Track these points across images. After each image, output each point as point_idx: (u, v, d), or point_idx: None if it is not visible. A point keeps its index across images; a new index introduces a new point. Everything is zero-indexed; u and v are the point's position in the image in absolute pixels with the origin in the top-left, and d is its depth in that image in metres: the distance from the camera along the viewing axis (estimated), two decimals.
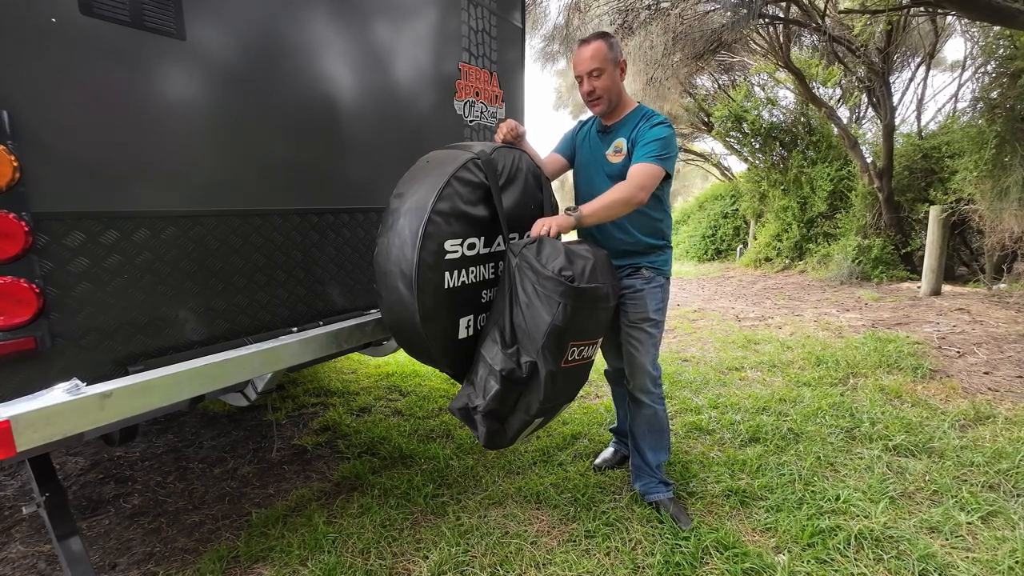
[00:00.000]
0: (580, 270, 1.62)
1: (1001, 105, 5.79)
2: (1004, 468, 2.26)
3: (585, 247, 1.76)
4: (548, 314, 1.58)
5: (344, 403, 3.27)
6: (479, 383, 1.66)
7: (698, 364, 3.95)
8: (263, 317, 1.71)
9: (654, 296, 2.01)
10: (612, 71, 1.90)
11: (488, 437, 1.69)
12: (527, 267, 1.61)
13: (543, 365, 1.62)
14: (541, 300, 1.59)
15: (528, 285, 1.61)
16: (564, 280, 1.56)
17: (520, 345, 1.64)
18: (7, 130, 1.14)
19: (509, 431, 1.73)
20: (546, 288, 1.58)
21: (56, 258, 1.24)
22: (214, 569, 1.79)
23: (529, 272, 1.61)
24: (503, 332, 1.66)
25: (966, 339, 4.27)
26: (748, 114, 10.08)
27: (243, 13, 1.56)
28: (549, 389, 1.66)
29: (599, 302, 1.69)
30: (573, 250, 1.69)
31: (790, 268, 9.48)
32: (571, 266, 1.61)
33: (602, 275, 1.70)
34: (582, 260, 1.66)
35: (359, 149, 1.98)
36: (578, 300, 1.59)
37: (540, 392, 1.65)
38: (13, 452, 1.09)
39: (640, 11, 7.59)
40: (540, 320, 1.59)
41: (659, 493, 2.09)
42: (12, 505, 2.24)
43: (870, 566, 1.72)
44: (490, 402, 1.62)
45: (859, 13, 7.48)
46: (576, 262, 1.64)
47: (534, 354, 1.62)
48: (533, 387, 1.66)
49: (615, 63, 1.91)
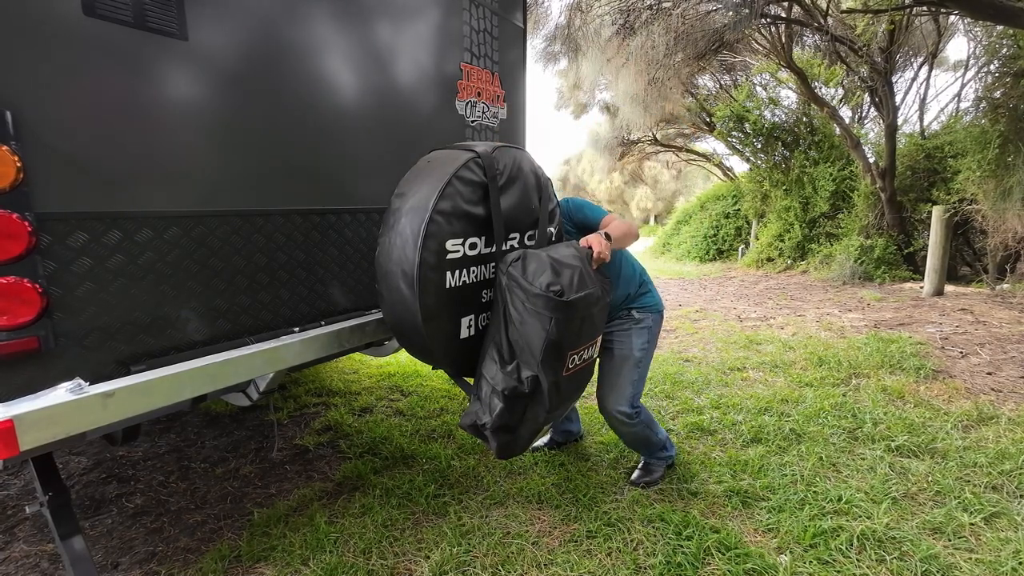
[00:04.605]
0: (568, 281, 1.60)
1: (1004, 105, 5.77)
2: (1007, 469, 2.26)
3: (571, 251, 1.73)
4: (542, 330, 1.57)
5: (346, 403, 3.27)
6: (484, 400, 1.66)
7: (700, 364, 3.94)
8: (265, 317, 1.71)
9: (640, 335, 2.12)
10: None
11: (500, 450, 1.70)
12: (515, 285, 1.60)
13: (545, 378, 1.62)
14: (533, 316, 1.58)
15: (518, 303, 1.60)
16: (553, 295, 1.55)
17: (520, 360, 1.63)
18: (10, 131, 1.14)
19: (520, 441, 1.73)
20: (536, 305, 1.57)
21: (59, 258, 1.24)
22: (216, 568, 1.80)
23: (518, 290, 1.60)
24: (500, 350, 1.66)
25: (969, 339, 4.25)
26: (750, 114, 10.07)
27: (245, 14, 1.57)
28: (554, 398, 1.68)
29: (592, 306, 1.69)
30: (559, 259, 1.66)
31: (792, 268, 9.46)
32: (558, 279, 1.59)
33: (591, 279, 1.69)
34: (569, 270, 1.64)
35: (361, 149, 1.98)
36: (569, 312, 1.59)
37: (545, 403, 1.66)
38: (16, 451, 1.09)
39: (642, 11, 7.59)
40: (535, 336, 1.58)
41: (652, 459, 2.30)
42: (15, 504, 2.24)
43: (872, 567, 1.72)
44: (497, 419, 1.62)
45: (861, 13, 7.47)
46: (563, 273, 1.62)
47: (535, 367, 1.61)
48: (538, 399, 1.67)
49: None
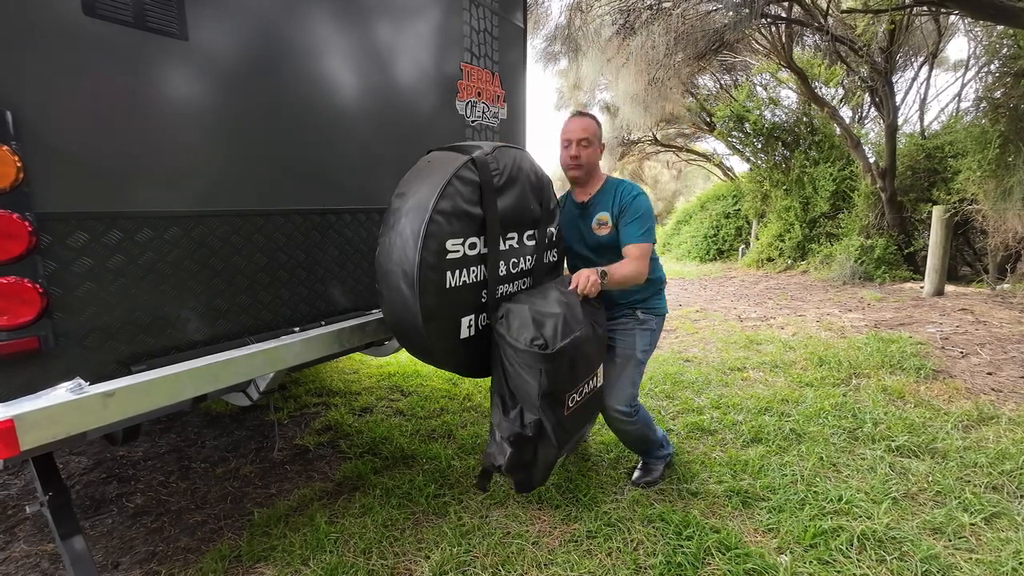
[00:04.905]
0: (552, 331, 1.64)
1: (1004, 105, 5.77)
2: (1008, 469, 2.25)
3: (556, 294, 1.78)
4: (534, 380, 1.64)
5: (346, 403, 3.27)
6: (498, 443, 1.74)
7: (700, 364, 3.94)
8: (265, 317, 1.71)
9: (643, 337, 2.14)
10: (597, 146, 2.13)
11: (518, 486, 1.81)
12: (504, 342, 1.67)
13: (547, 421, 1.71)
14: (523, 369, 1.65)
15: (509, 356, 1.67)
16: (537, 350, 1.60)
17: (522, 405, 1.71)
18: (11, 131, 1.14)
19: (537, 475, 1.81)
20: (524, 360, 1.64)
21: (59, 258, 1.24)
22: (216, 568, 1.80)
23: (507, 347, 1.67)
24: (504, 397, 1.74)
25: (969, 339, 4.25)
26: (750, 114, 10.07)
27: (245, 14, 1.57)
28: (560, 436, 1.77)
29: (582, 346, 1.74)
30: (541, 311, 1.70)
31: (792, 268, 9.46)
32: (541, 331, 1.63)
33: (575, 321, 1.72)
34: (552, 319, 1.67)
35: (361, 149, 1.98)
36: (557, 362, 1.64)
37: (553, 442, 1.75)
38: (17, 451, 1.09)
39: (642, 11, 7.58)
40: (529, 387, 1.66)
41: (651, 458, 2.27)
42: (16, 504, 2.24)
43: (872, 567, 1.72)
44: (510, 461, 1.70)
45: (862, 12, 7.47)
46: (546, 324, 1.66)
47: (536, 412, 1.68)
48: (544, 441, 1.75)
49: (599, 141, 2.14)
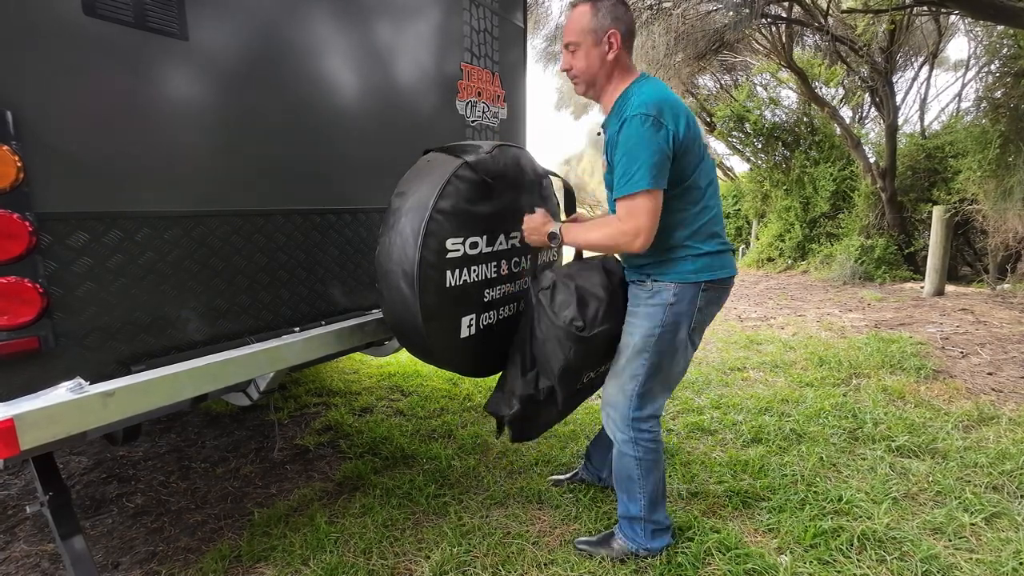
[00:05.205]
0: (592, 315, 1.64)
1: (1005, 105, 5.77)
2: (1008, 469, 2.25)
3: (600, 278, 1.73)
4: (562, 355, 1.65)
5: (346, 403, 3.27)
6: (506, 394, 1.79)
7: (700, 364, 3.94)
8: (265, 317, 1.71)
9: (651, 317, 1.58)
10: (591, 46, 1.52)
11: (515, 436, 1.87)
12: (543, 311, 1.67)
13: (560, 390, 1.74)
14: (554, 342, 1.65)
15: (544, 326, 1.67)
16: (575, 330, 1.61)
17: (540, 370, 1.74)
18: (11, 130, 1.14)
19: (535, 430, 1.89)
20: (557, 334, 1.63)
21: (59, 258, 1.24)
22: (216, 568, 1.80)
23: (544, 317, 1.67)
24: (524, 358, 1.76)
25: (969, 340, 4.25)
26: (750, 114, 10.06)
27: (245, 14, 1.57)
28: (568, 403, 1.85)
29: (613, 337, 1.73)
30: (587, 289, 1.69)
31: (792, 268, 9.46)
32: (583, 313, 1.63)
33: (615, 313, 1.70)
34: (595, 302, 1.67)
35: (361, 149, 1.98)
36: (589, 344, 1.65)
37: (559, 406, 1.82)
38: (17, 451, 1.09)
39: (642, 11, 7.58)
40: (555, 359, 1.66)
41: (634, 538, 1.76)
42: (16, 504, 2.24)
43: (873, 567, 1.72)
44: (514, 415, 1.77)
45: (862, 12, 7.47)
46: (589, 306, 1.65)
47: (553, 380, 1.71)
48: (552, 404, 1.79)
49: (596, 36, 1.50)
